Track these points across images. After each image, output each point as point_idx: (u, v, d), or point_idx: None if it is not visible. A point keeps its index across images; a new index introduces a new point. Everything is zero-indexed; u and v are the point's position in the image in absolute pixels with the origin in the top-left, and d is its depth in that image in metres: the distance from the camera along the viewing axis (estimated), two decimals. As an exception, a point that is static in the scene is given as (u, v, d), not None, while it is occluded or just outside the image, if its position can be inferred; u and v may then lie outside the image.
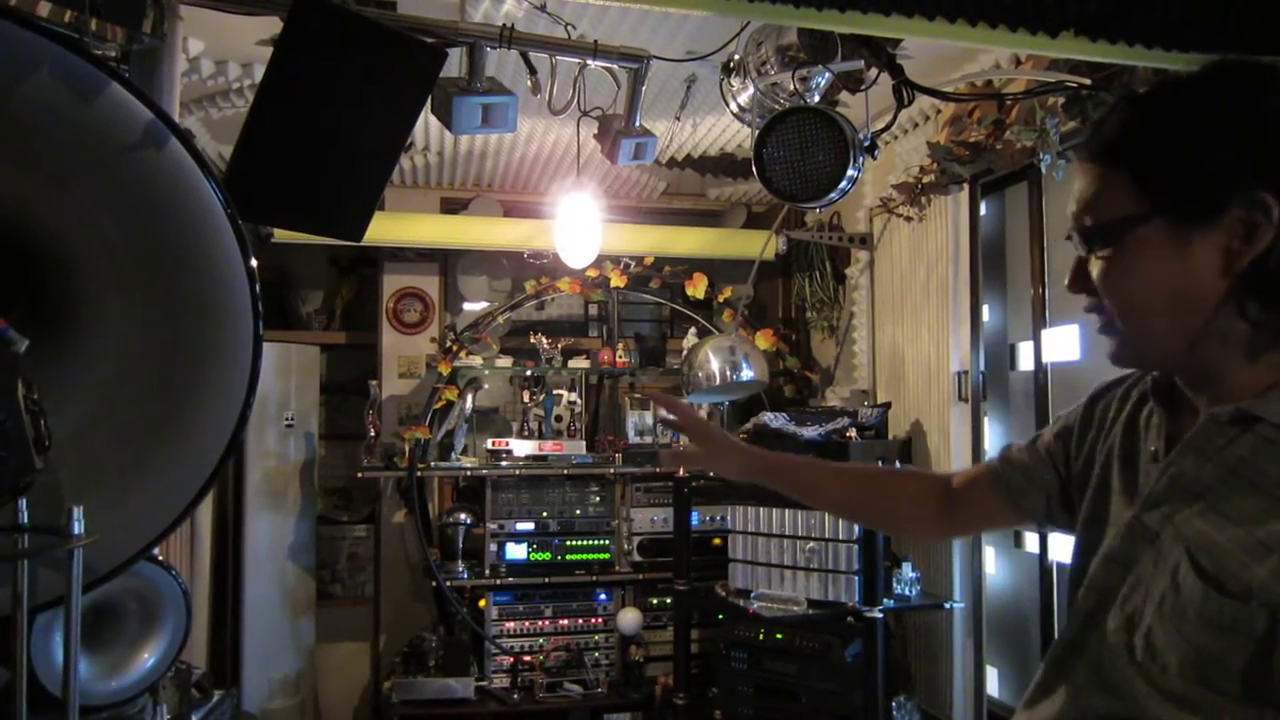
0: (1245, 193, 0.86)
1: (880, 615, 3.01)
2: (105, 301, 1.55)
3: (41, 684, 1.71)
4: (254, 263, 1.59)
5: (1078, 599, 1.02)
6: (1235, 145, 0.87)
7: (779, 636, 3.22)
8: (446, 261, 4.55)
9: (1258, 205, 0.86)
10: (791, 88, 2.44)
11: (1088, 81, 2.34)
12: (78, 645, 1.24)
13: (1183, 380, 0.98)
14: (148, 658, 1.77)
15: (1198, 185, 0.88)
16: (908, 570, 3.17)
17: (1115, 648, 0.94)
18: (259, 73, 2.93)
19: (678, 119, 3.51)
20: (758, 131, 2.38)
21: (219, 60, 3.04)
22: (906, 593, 3.14)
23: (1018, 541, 3.18)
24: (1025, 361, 3.13)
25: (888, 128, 2.48)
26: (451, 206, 4.55)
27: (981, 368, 3.18)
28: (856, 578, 3.06)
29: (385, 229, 4.00)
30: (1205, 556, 0.87)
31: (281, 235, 3.56)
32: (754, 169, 2.35)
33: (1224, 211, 0.87)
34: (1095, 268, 0.95)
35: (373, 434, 4.02)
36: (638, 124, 2.56)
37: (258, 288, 1.61)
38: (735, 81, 2.61)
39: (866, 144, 2.32)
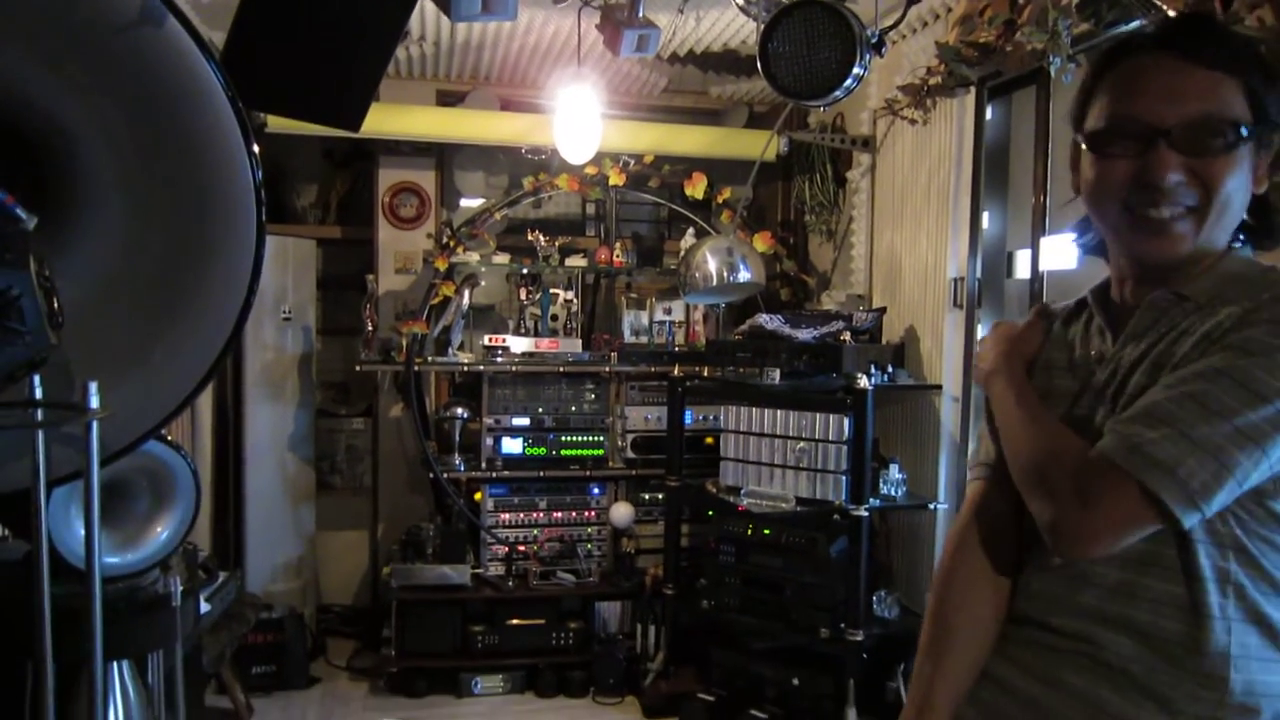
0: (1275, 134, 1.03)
1: (866, 514, 3.10)
2: (105, 183, 1.55)
3: (59, 556, 1.78)
4: (256, 147, 1.58)
5: None
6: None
7: (767, 532, 3.33)
8: (443, 156, 4.49)
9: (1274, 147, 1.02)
10: (800, -20, 2.38)
11: (1103, -19, 2.29)
12: (98, 513, 1.29)
13: (1152, 276, 1.07)
14: (161, 531, 1.84)
15: (1272, 114, 1.02)
16: (894, 471, 3.25)
17: None
18: (252, -48, 2.83)
19: (681, 11, 3.42)
20: (763, 25, 2.34)
21: (210, -62, 2.94)
22: (892, 493, 3.23)
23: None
24: (1022, 269, 3.15)
25: (896, 25, 2.44)
26: (448, 99, 4.46)
27: (978, 274, 3.20)
28: (844, 477, 3.14)
29: (381, 121, 3.93)
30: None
31: (275, 125, 3.50)
32: (759, 64, 2.32)
33: (1271, 144, 1.03)
34: (1203, 163, 0.99)
35: (370, 328, 4.04)
36: (641, 15, 2.51)
37: (260, 173, 1.60)
38: (742, -27, 2.55)
39: (874, 41, 2.29)
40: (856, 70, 2.25)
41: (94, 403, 1.26)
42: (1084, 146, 1.07)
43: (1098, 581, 1.02)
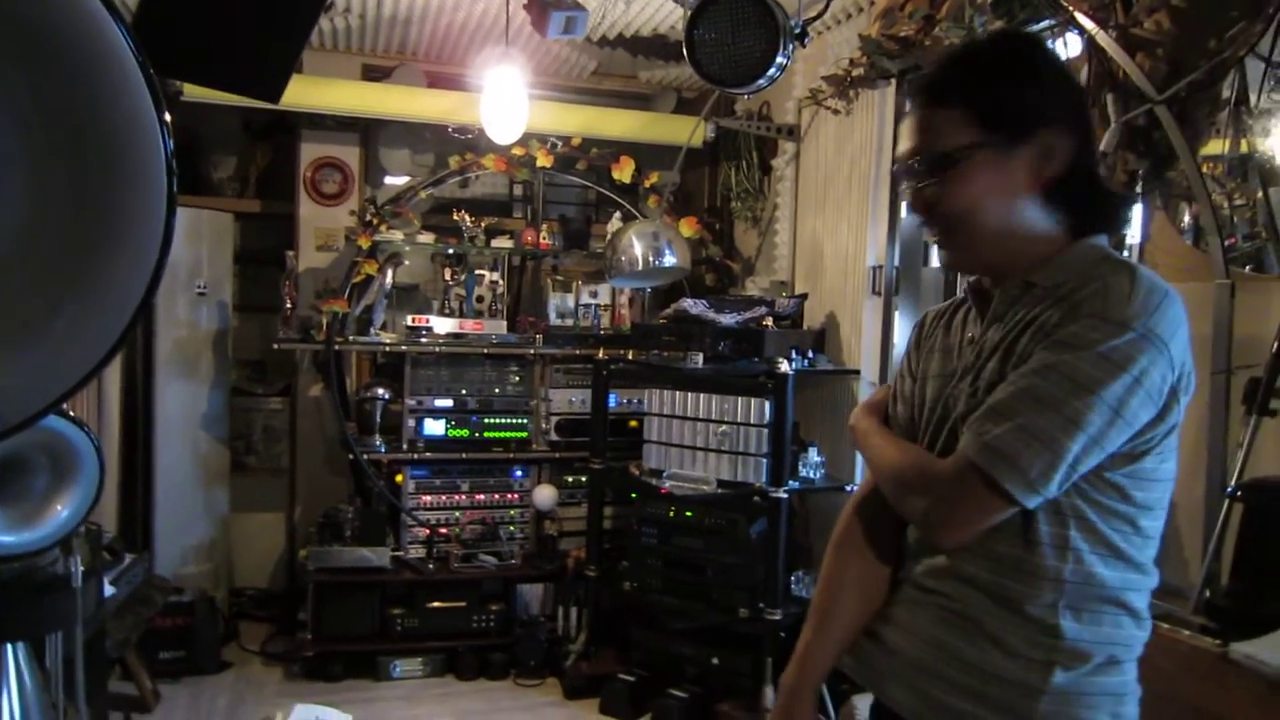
0: (1047, 125, 1.11)
1: (785, 496, 3.17)
2: (3, 148, 1.48)
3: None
4: (168, 116, 1.53)
5: None
6: (1039, 90, 1.13)
7: (689, 514, 3.37)
8: (367, 132, 4.41)
9: (1055, 135, 1.11)
10: (727, -32, 2.40)
11: (1017, -19, 2.36)
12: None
13: (991, 277, 1.20)
14: (61, 510, 1.77)
15: (1015, 119, 1.12)
16: (814, 454, 3.33)
17: None
18: (165, -88, 2.72)
19: (611, -6, 3.42)
20: (690, 12, 2.35)
21: (120, -105, 2.82)
22: (811, 475, 3.31)
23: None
24: (937, 258, 3.23)
25: (820, 16, 2.48)
26: (373, 74, 4.38)
27: (896, 263, 3.28)
28: (765, 460, 3.19)
29: (304, 93, 3.84)
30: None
31: (192, 93, 3.38)
32: (684, 50, 2.34)
33: (1032, 139, 1.12)
34: (934, 190, 1.14)
35: (289, 305, 3.95)
36: (569, -5, 2.50)
37: (171, 143, 1.55)
38: (671, -43, 2.56)
39: (797, 31, 2.32)
40: (779, 59, 2.28)
41: (-15, 374, 1.21)
42: None
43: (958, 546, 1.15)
